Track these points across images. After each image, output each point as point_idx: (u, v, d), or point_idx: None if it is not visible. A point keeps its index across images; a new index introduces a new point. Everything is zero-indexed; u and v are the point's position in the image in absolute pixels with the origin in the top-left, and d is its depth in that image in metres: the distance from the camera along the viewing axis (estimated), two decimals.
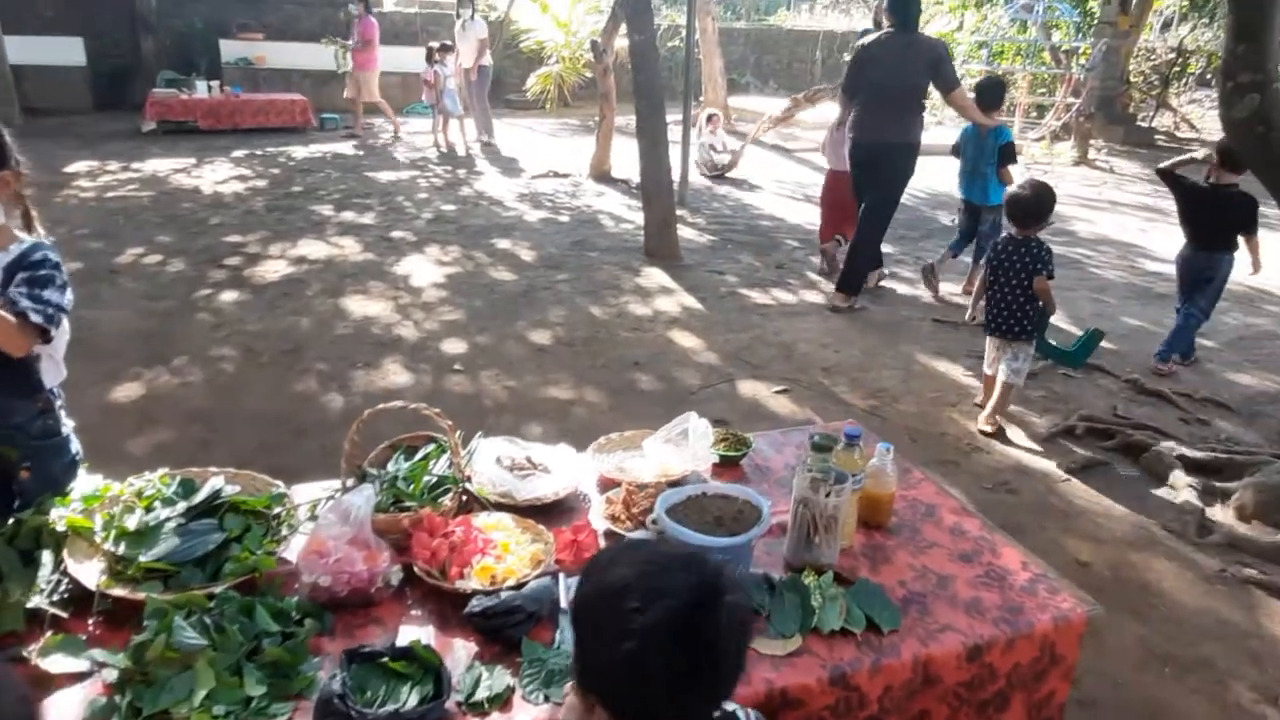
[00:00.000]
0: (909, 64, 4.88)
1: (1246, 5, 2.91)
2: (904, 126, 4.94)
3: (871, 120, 4.98)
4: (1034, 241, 3.58)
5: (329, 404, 3.56)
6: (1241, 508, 3.04)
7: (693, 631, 0.96)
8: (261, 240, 6.05)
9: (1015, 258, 3.58)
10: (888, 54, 4.92)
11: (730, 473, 2.15)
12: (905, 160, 5.04)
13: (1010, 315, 3.59)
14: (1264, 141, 2.95)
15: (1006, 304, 3.60)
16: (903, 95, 4.92)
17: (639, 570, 1.01)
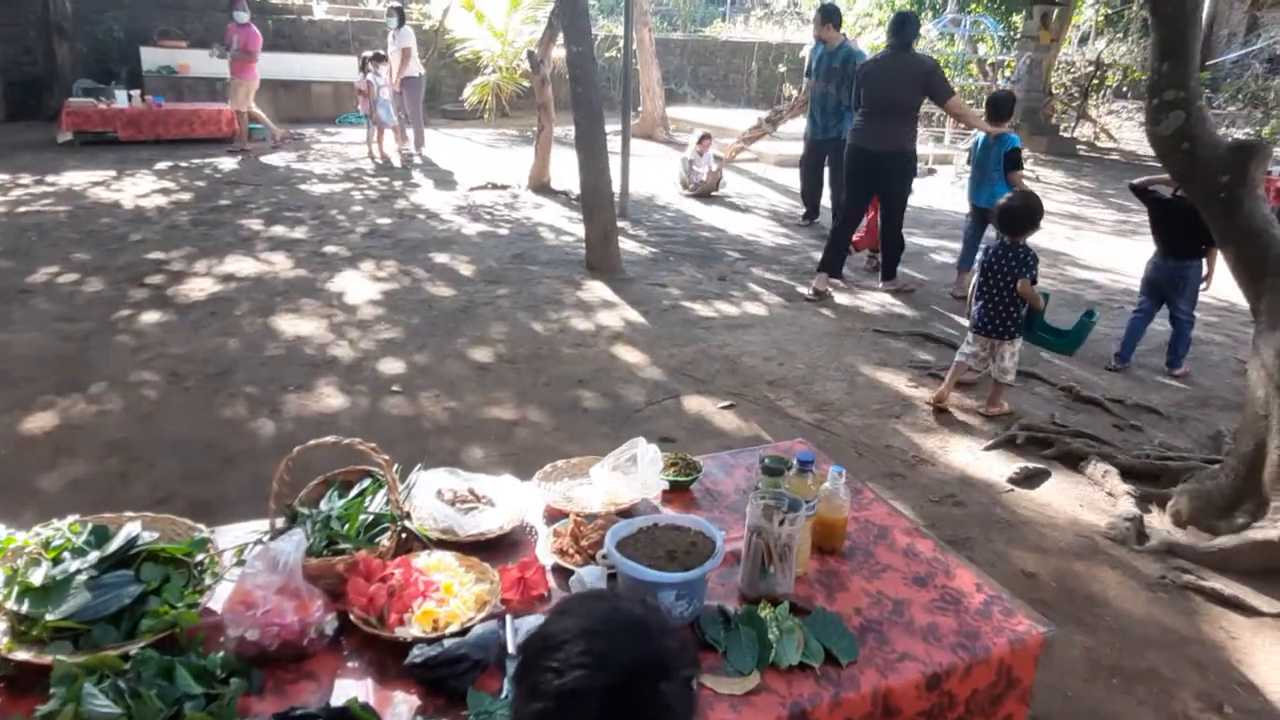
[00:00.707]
0: (901, 80, 5.41)
1: (1169, 25, 2.99)
2: (898, 137, 5.50)
3: (868, 130, 5.51)
4: (1021, 247, 3.86)
5: (259, 430, 3.40)
6: (1177, 514, 3.11)
7: (614, 711, 0.88)
8: (186, 257, 5.80)
9: (1003, 262, 3.86)
10: (883, 71, 5.48)
11: (681, 498, 2.10)
12: (902, 165, 5.63)
13: (997, 316, 3.87)
14: (1189, 157, 3.03)
15: (995, 305, 3.87)
16: (896, 108, 5.46)
17: (582, 628, 0.92)
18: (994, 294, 3.87)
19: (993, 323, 3.88)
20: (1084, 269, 7.02)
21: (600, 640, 0.91)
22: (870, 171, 5.59)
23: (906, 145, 5.57)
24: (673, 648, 0.94)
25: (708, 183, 9.32)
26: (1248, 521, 2.90)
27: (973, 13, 14.25)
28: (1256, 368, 2.92)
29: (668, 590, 1.55)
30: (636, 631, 0.93)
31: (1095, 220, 9.25)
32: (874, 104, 5.45)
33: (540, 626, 0.99)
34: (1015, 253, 3.85)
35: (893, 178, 5.63)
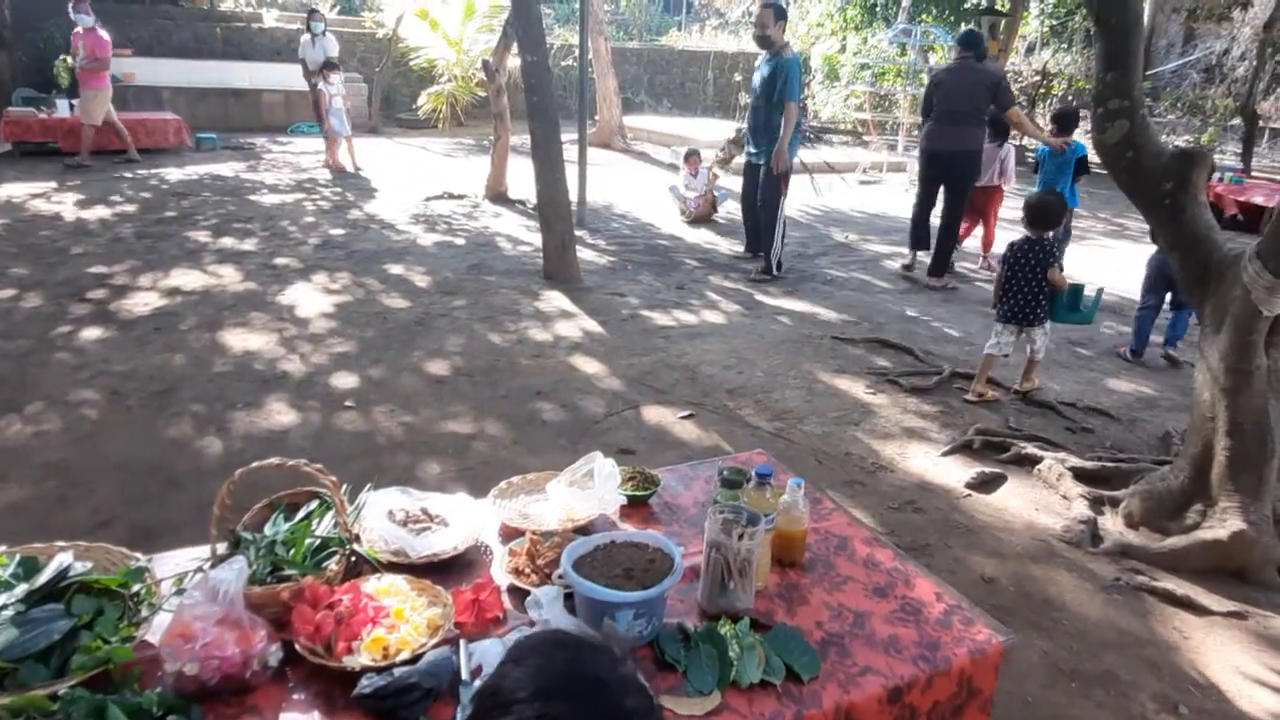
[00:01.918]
0: (972, 89, 6.13)
1: (1112, 36, 3.05)
2: (967, 138, 6.25)
3: (942, 132, 6.28)
4: (1045, 240, 4.19)
5: (205, 450, 3.29)
6: (1129, 515, 3.16)
7: None
8: (130, 270, 5.63)
9: (1029, 255, 4.17)
10: (955, 80, 6.21)
11: (639, 512, 2.07)
12: (971, 163, 6.38)
13: (1027, 304, 4.19)
14: (1134, 165, 3.09)
15: (1023, 295, 4.19)
16: (967, 113, 6.17)
17: (539, 687, 0.86)
18: (1023, 284, 4.19)
19: (1024, 311, 4.20)
20: None
21: (557, 702, 0.84)
22: (942, 167, 6.43)
23: (974, 146, 6.29)
24: (636, 708, 0.87)
25: (704, 207, 8.46)
26: (1197, 522, 2.95)
27: (923, 23, 14.48)
28: (1202, 370, 2.98)
29: (626, 609, 1.52)
30: (597, 691, 0.87)
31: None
32: (946, 109, 6.19)
33: (494, 676, 0.92)
34: (1042, 245, 4.17)
35: (959, 174, 6.38)
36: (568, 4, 20.67)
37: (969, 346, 5.12)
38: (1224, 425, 2.88)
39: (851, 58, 15.66)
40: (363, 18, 16.55)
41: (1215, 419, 2.91)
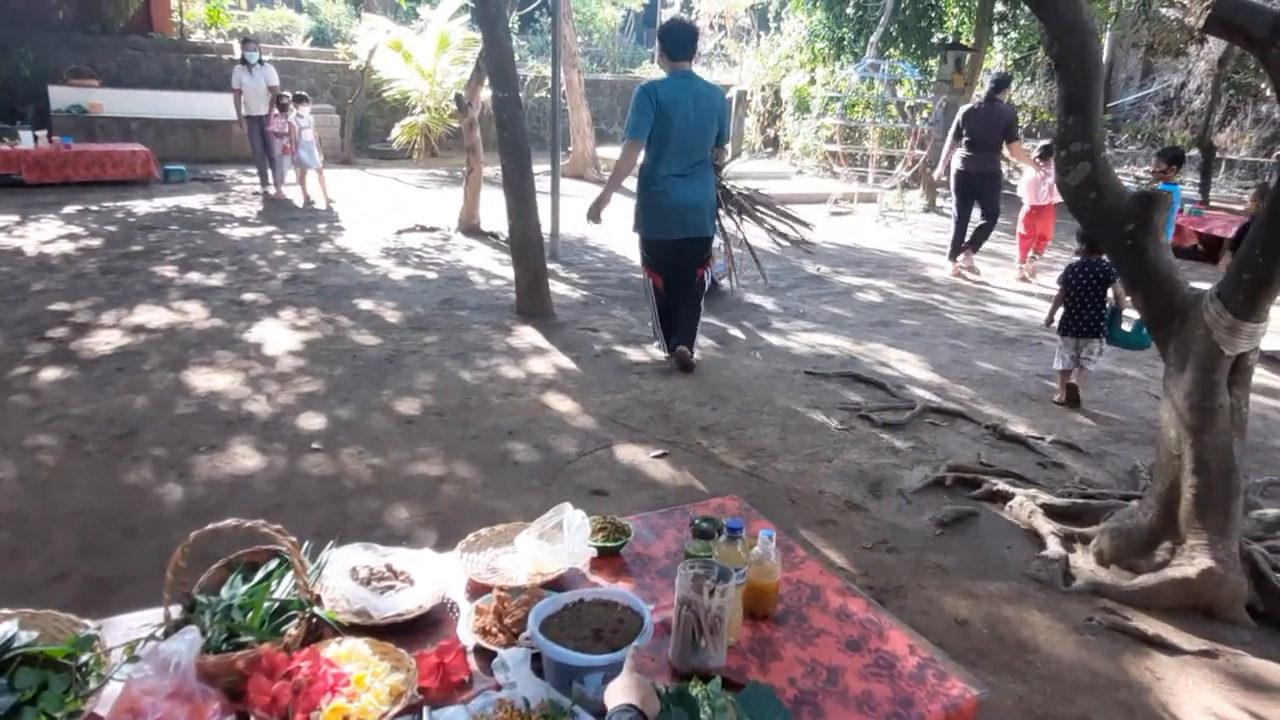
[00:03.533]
0: (995, 123, 7.65)
1: (1073, 80, 3.11)
2: (993, 162, 7.91)
3: (975, 158, 7.78)
4: (1099, 261, 4.66)
5: (166, 497, 3.21)
6: (1100, 553, 3.17)
7: None
8: (93, 308, 5.53)
9: (1089, 276, 4.70)
10: (983, 115, 7.69)
11: (610, 564, 2.03)
12: (995, 181, 8.02)
13: (1086, 317, 4.73)
14: (1096, 206, 3.14)
15: (1084, 310, 4.73)
16: (993, 143, 7.75)
17: None
18: (1083, 301, 4.72)
19: (1083, 324, 4.74)
20: (1003, 305, 7.23)
21: None
22: (975, 185, 7.88)
23: (997, 169, 8.03)
24: None
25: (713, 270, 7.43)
26: (1166, 559, 2.97)
27: (890, 57, 14.77)
28: (1168, 409, 3.01)
29: (595, 673, 1.49)
30: None
31: (1013, 256, 9.58)
32: (976, 139, 7.69)
33: None
34: (1100, 265, 4.67)
35: (990, 187, 7.97)
36: (541, 36, 20.86)
37: (941, 381, 5.15)
38: (1190, 463, 2.91)
39: (822, 90, 15.91)
40: (336, 49, 16.57)
41: (1181, 457, 2.94)
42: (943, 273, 8.49)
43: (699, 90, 4.61)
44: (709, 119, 4.63)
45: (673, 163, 4.64)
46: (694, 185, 4.72)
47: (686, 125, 4.56)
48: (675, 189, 4.67)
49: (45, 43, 13.16)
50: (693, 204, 4.74)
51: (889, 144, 15.49)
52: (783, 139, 18.52)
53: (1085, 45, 3.05)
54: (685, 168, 4.66)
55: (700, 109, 4.58)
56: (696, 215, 4.79)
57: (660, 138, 4.58)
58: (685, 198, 4.70)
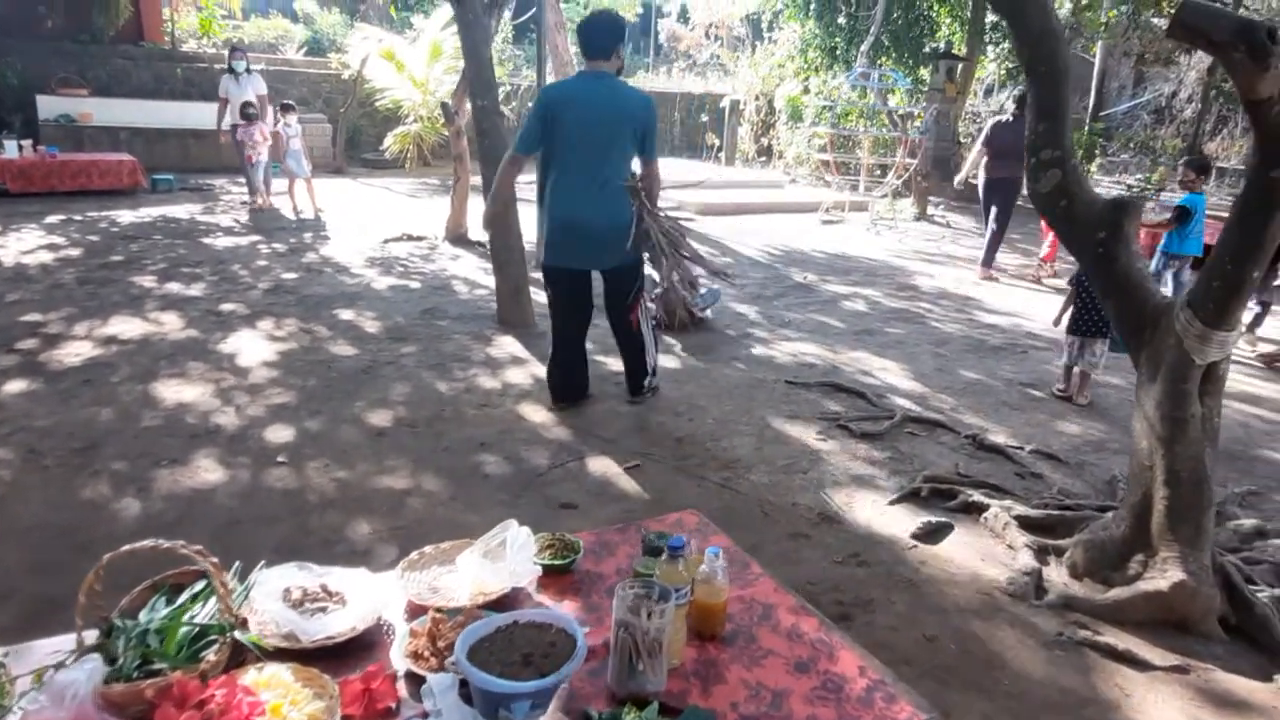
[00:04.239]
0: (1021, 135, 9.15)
1: (1043, 86, 3.08)
2: (1016, 171, 8.18)
3: (1002, 165, 8.41)
4: None
5: (122, 512, 3.15)
6: (1073, 565, 3.12)
7: None
8: (66, 319, 5.47)
9: None
10: (1009, 129, 8.28)
11: (558, 583, 1.98)
12: (1017, 187, 8.52)
13: (1092, 320, 4.90)
14: (1067, 213, 3.10)
15: (1091, 312, 4.89)
16: (1017, 153, 7.61)
17: None
18: (1092, 302, 4.86)
19: (1089, 325, 4.91)
20: (989, 314, 7.20)
21: None
22: (998, 191, 8.54)
23: (1020, 175, 7.88)
24: None
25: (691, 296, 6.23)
26: (1139, 572, 2.92)
27: (881, 66, 14.78)
28: (1139, 419, 2.97)
29: (523, 700, 1.43)
30: None
31: (1001, 265, 9.55)
32: (1004, 150, 8.28)
33: None
34: None
35: (1011, 193, 8.60)
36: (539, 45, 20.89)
37: (922, 390, 5.11)
38: (1162, 474, 2.86)
39: (814, 99, 15.91)
40: (329, 58, 16.57)
41: (1153, 468, 2.89)
42: (932, 281, 8.47)
43: (609, 95, 3.86)
44: (618, 129, 3.85)
45: (566, 178, 3.92)
46: (594, 206, 3.91)
47: (586, 134, 3.84)
48: (568, 209, 3.94)
49: (34, 52, 13.14)
50: (591, 229, 3.93)
51: (881, 153, 15.48)
52: (776, 148, 18.53)
53: (1054, 52, 3.02)
54: (583, 184, 3.88)
55: (607, 117, 3.84)
56: (596, 245, 3.99)
57: (552, 147, 3.91)
58: (582, 220, 3.92)
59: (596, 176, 3.89)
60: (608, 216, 3.96)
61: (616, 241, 3.99)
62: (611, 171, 3.91)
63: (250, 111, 9.72)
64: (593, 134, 3.86)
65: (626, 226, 3.98)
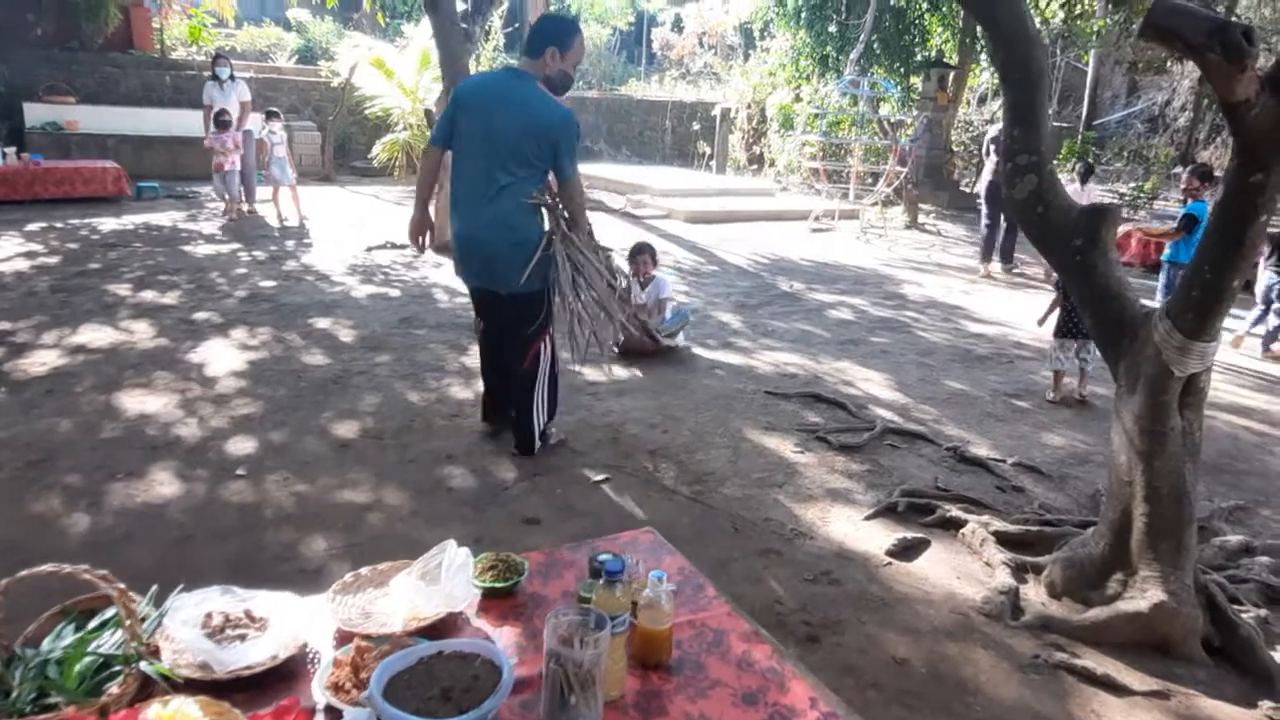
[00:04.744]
0: None
1: (1018, 91, 3.01)
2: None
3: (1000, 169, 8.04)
4: None
5: (71, 527, 3.05)
6: (1051, 584, 3.03)
7: None
8: (35, 327, 5.37)
9: None
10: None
11: (500, 606, 1.89)
12: None
13: (1080, 322, 4.76)
14: (1043, 220, 3.02)
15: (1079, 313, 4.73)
16: None
17: None
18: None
19: (1082, 326, 4.75)
20: (976, 323, 7.12)
21: None
22: (1001, 195, 7.94)
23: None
24: None
25: (653, 323, 5.58)
26: (1118, 592, 2.83)
27: (872, 74, 14.76)
28: (1118, 432, 2.88)
29: None
30: None
31: (990, 274, 9.49)
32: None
33: None
34: None
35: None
36: None
37: (905, 400, 5.02)
38: (1141, 490, 2.77)
39: (806, 107, 15.89)
40: (319, 66, 16.52)
41: (1132, 483, 2.81)
42: (920, 289, 8.40)
43: (521, 99, 3.45)
44: (521, 139, 3.43)
45: (461, 185, 3.60)
46: (483, 220, 3.52)
47: (486, 136, 3.46)
48: (461, 219, 3.63)
49: (22, 60, 13.06)
50: (480, 244, 3.57)
51: (872, 161, 15.45)
52: (767, 156, 18.50)
53: (1029, 55, 2.94)
54: (475, 194, 3.53)
55: (511, 123, 3.43)
56: (485, 263, 3.61)
57: (456, 146, 3.61)
58: (471, 233, 3.58)
59: (489, 187, 3.49)
60: (501, 234, 3.53)
61: (510, 264, 3.53)
62: (509, 184, 3.48)
63: (224, 119, 9.59)
64: (491, 139, 3.47)
65: (527, 248, 3.52)
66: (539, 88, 3.52)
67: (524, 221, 3.56)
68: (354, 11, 19.97)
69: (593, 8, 23.92)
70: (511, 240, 3.54)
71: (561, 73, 3.59)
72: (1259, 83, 2.33)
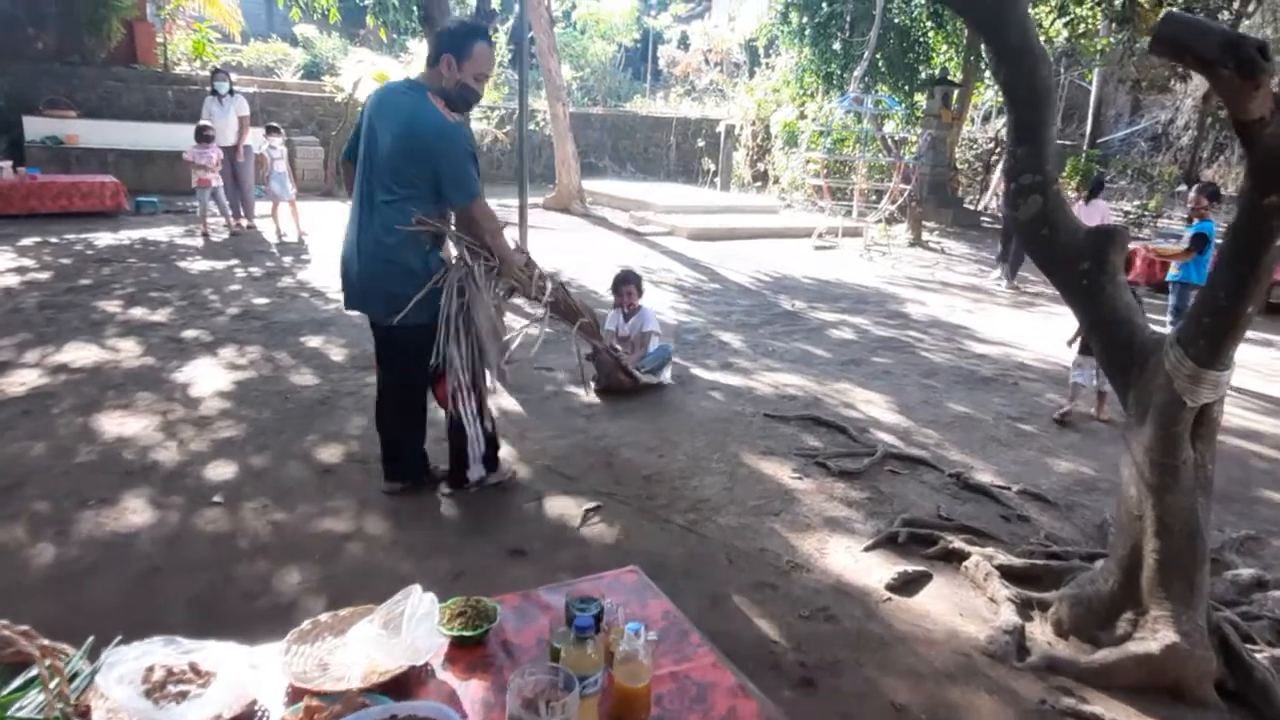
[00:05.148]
0: None
1: (1022, 108, 2.90)
2: None
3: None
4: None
5: (34, 559, 2.93)
6: (1058, 622, 2.89)
7: None
8: (18, 345, 5.27)
9: None
10: None
11: (469, 656, 1.76)
12: None
13: None
14: (1049, 242, 2.91)
15: None
16: None
17: None
18: None
19: None
20: (981, 343, 7.00)
21: None
22: None
23: None
24: None
25: (633, 358, 5.16)
26: (1128, 632, 2.69)
27: (876, 92, 14.71)
28: (1128, 465, 2.75)
29: None
30: None
31: (995, 293, 9.39)
32: None
33: None
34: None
35: None
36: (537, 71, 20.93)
37: (907, 424, 4.89)
38: (1152, 526, 2.64)
39: (810, 124, 15.84)
40: (323, 82, 16.54)
41: (1143, 518, 2.68)
42: (923, 308, 8.29)
43: (408, 112, 3.11)
44: (399, 155, 3.11)
45: (355, 202, 3.30)
46: (360, 243, 3.23)
47: (370, 151, 3.20)
48: (346, 239, 3.34)
49: (23, 74, 13.08)
50: (352, 270, 3.29)
51: (876, 178, 15.38)
52: (771, 173, 18.45)
53: (1034, 71, 2.84)
54: (358, 211, 3.25)
55: (390, 136, 3.11)
56: (359, 290, 3.32)
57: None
58: (348, 255, 3.31)
59: (368, 207, 3.20)
60: (375, 259, 3.19)
61: (385, 293, 3.18)
62: (389, 203, 3.13)
63: (207, 133, 9.49)
64: (372, 154, 3.19)
65: (406, 277, 3.15)
66: (428, 100, 3.12)
67: (403, 247, 3.14)
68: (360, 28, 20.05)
69: (599, 24, 23.97)
70: (387, 267, 3.17)
71: (461, 85, 3.17)
72: (1274, 100, 2.22)
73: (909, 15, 15.54)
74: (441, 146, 3.09)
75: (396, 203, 3.13)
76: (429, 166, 3.11)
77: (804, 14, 15.69)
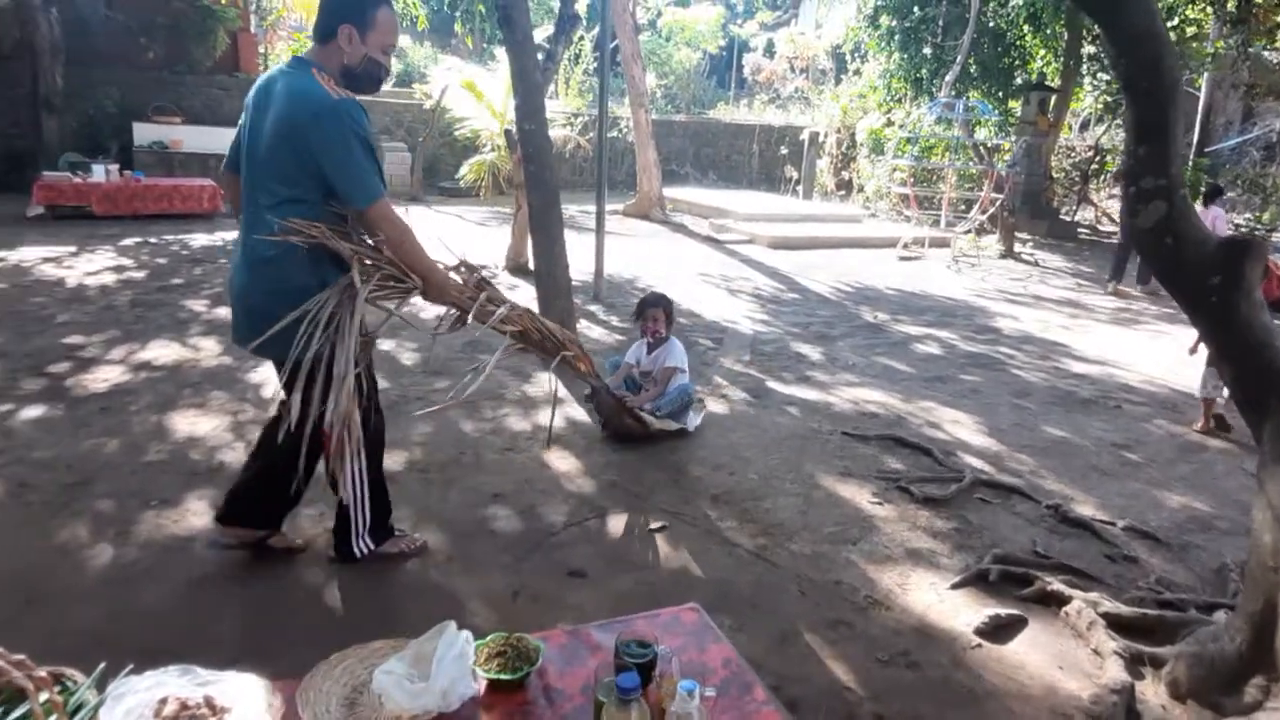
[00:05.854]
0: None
1: (1146, 103, 2.60)
2: None
3: None
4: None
5: (92, 560, 2.91)
6: (1174, 683, 2.56)
7: None
8: (107, 341, 5.42)
9: None
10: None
11: (508, 701, 1.61)
12: None
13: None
14: (1173, 253, 2.59)
15: None
16: None
17: None
18: None
19: None
20: (1079, 361, 6.54)
21: None
22: None
23: None
24: None
25: (648, 396, 4.47)
26: (1258, 700, 2.35)
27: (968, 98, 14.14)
28: (1262, 508, 2.42)
29: None
30: None
31: (1094, 308, 8.83)
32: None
33: None
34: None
35: None
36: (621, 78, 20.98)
37: (998, 448, 4.55)
38: None
39: (897, 131, 15.35)
40: (413, 89, 16.90)
41: (1278, 569, 2.34)
42: (1015, 323, 7.83)
43: (284, 94, 2.50)
44: (276, 144, 2.50)
45: (242, 212, 2.71)
46: (244, 256, 2.64)
47: (249, 147, 2.61)
48: (232, 258, 2.78)
49: (134, 82, 13.73)
50: (238, 290, 2.66)
51: (966, 187, 14.78)
52: (856, 181, 17.97)
53: (1159, 60, 2.53)
54: (243, 220, 2.68)
55: (267, 124, 2.52)
56: (242, 312, 2.66)
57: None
58: (231, 273, 2.73)
59: (249, 214, 2.61)
60: (255, 276, 2.59)
61: (267, 319, 2.48)
62: (271, 206, 2.52)
63: None
64: (252, 150, 2.59)
65: (298, 297, 2.47)
66: (309, 76, 2.50)
67: (286, 261, 2.51)
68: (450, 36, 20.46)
69: (684, 31, 23.88)
70: (269, 286, 2.54)
71: (368, 59, 2.59)
72: None
73: (1005, 19, 14.89)
74: (323, 129, 2.42)
75: (280, 206, 2.50)
76: (309, 156, 2.46)
77: (894, 17, 15.21)
